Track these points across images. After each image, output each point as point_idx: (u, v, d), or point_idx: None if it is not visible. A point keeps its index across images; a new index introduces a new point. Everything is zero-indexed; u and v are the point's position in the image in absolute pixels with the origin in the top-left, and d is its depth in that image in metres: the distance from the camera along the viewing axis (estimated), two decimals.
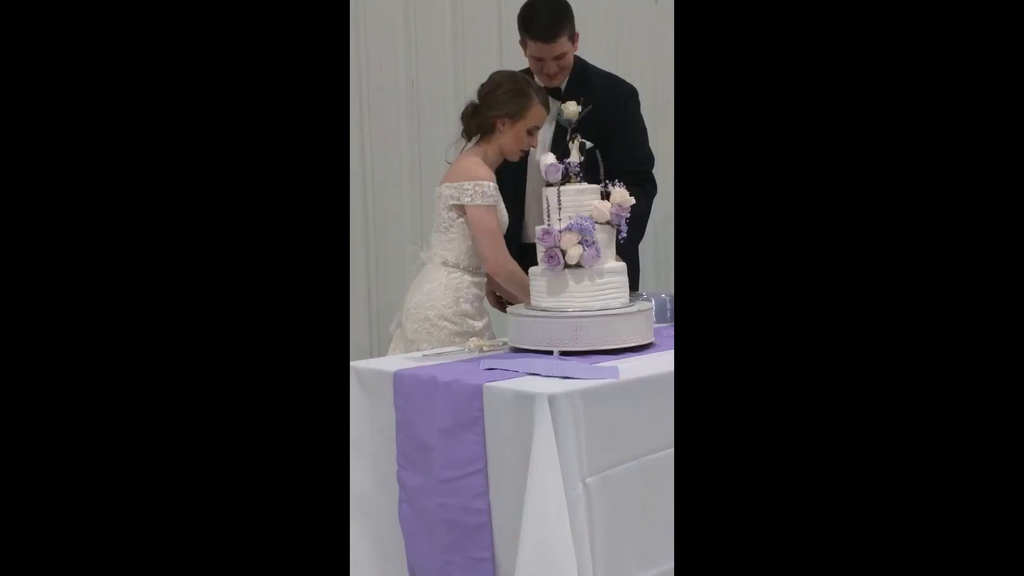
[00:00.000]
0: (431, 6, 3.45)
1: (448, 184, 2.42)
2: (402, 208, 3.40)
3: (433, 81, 3.43)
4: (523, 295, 2.39)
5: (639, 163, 2.75)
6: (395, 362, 2.08)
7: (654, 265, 4.18)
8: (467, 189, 2.38)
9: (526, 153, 2.54)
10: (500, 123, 2.44)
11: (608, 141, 2.49)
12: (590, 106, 2.33)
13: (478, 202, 2.37)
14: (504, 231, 2.50)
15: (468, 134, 2.51)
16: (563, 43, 2.66)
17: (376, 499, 1.99)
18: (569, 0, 2.74)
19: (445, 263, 2.43)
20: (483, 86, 2.49)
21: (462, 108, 2.52)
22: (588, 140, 2.22)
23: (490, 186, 2.39)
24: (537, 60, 2.69)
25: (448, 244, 2.43)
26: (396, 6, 3.37)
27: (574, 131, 2.25)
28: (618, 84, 2.83)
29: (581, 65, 2.80)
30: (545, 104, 2.48)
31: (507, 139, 2.45)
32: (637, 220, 2.60)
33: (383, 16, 3.32)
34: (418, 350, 2.37)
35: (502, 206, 2.48)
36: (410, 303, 2.44)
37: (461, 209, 2.40)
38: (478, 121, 2.47)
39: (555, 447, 1.70)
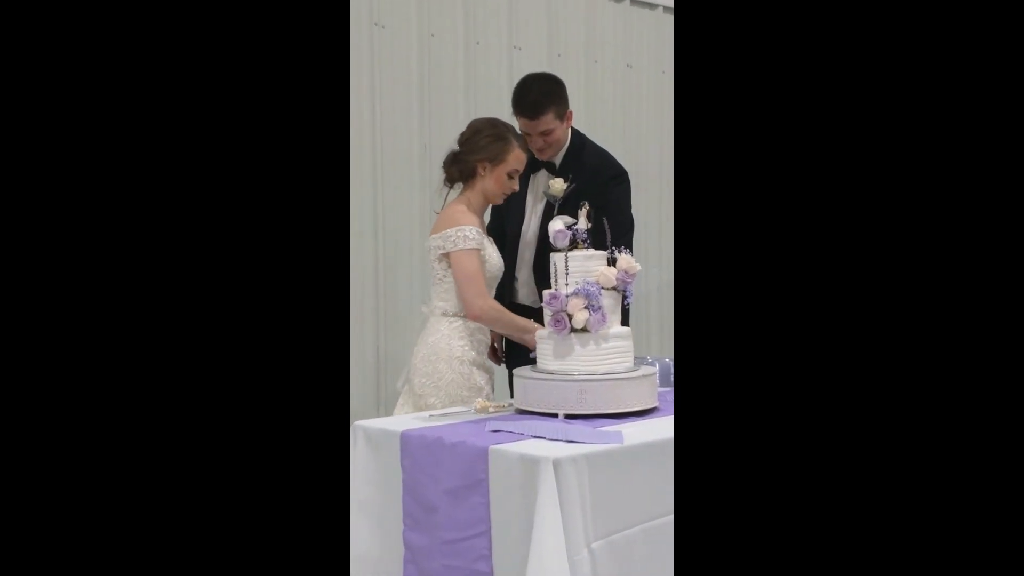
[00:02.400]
0: (444, 75, 3.54)
1: (435, 235, 2.47)
2: (412, 268, 3.45)
3: (445, 147, 3.51)
4: (517, 333, 2.46)
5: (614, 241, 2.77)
6: (402, 422, 2.10)
7: (659, 330, 4.22)
8: (450, 236, 2.42)
9: (508, 196, 2.59)
10: (481, 167, 2.50)
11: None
12: (574, 184, 2.41)
13: (460, 247, 2.41)
14: (498, 274, 2.54)
15: (450, 180, 2.56)
16: (547, 120, 2.73)
17: (381, 559, 1.99)
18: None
19: (445, 314, 2.47)
20: (463, 133, 2.56)
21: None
22: (567, 215, 2.26)
23: (472, 230, 2.42)
24: (525, 134, 2.76)
25: (444, 295, 2.47)
26: (411, 75, 3.46)
27: (560, 207, 2.34)
28: (607, 165, 2.87)
29: (580, 141, 2.87)
30: (525, 148, 2.55)
31: (489, 183, 2.51)
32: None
33: (399, 84, 3.41)
34: (426, 404, 2.39)
35: (492, 250, 2.51)
36: (416, 357, 2.47)
37: (449, 257, 2.43)
38: (459, 167, 2.52)
39: (559, 511, 1.71)
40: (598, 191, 2.70)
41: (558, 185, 2.39)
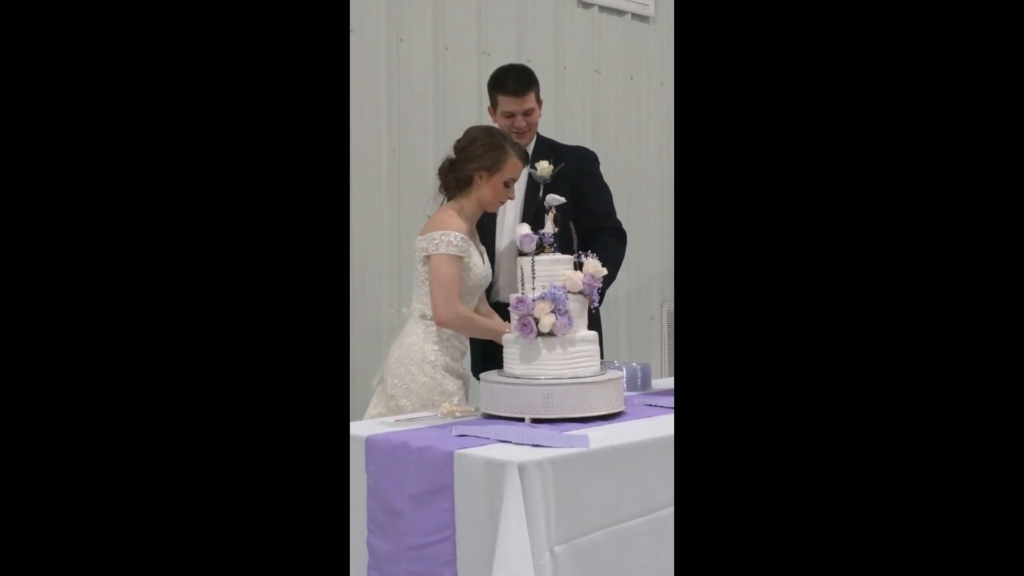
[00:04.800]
0: (413, 80, 3.53)
1: (421, 237, 2.45)
2: (380, 272, 3.43)
3: (414, 151, 3.51)
4: (489, 336, 2.47)
5: (613, 215, 3.01)
6: (368, 427, 2.08)
7: (627, 335, 4.23)
8: (434, 239, 2.40)
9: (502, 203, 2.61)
10: (478, 176, 2.48)
11: (581, 199, 2.83)
12: (562, 163, 2.55)
13: (442, 251, 2.39)
14: (483, 283, 2.54)
15: (446, 188, 2.55)
16: (531, 99, 2.89)
17: None
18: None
19: (423, 316, 2.45)
20: (459, 141, 2.54)
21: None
22: (562, 196, 2.32)
23: (457, 236, 2.40)
24: (507, 117, 2.86)
25: (424, 297, 2.45)
26: (380, 80, 3.45)
27: (548, 187, 2.45)
28: (582, 150, 3.08)
29: (545, 140, 3.01)
30: (521, 157, 2.54)
31: (485, 191, 2.49)
32: (614, 265, 2.85)
33: (368, 89, 3.40)
34: (397, 406, 2.38)
35: (478, 258, 2.50)
36: (391, 357, 2.46)
37: (430, 260, 2.42)
38: (455, 175, 2.51)
39: (524, 515, 1.71)
40: (583, 173, 2.92)
41: (545, 165, 2.48)
